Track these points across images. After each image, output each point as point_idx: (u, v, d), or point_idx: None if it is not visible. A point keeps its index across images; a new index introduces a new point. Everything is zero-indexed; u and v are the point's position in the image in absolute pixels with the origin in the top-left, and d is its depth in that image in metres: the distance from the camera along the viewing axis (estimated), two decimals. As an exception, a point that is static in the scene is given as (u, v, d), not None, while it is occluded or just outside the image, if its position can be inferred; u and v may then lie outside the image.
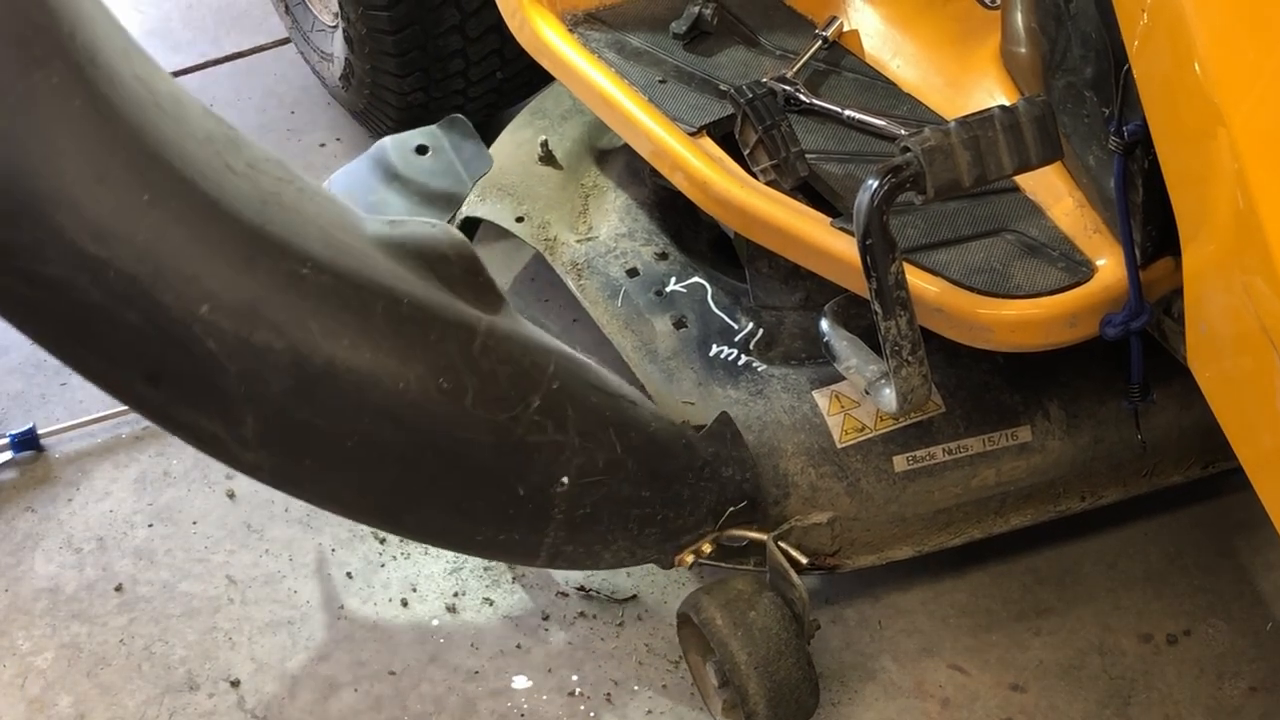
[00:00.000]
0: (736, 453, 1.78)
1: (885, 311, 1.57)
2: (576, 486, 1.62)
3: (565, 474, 1.61)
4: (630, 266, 2.09)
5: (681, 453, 1.73)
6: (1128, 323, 1.62)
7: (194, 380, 1.41)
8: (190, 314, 1.36)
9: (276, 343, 1.40)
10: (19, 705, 1.90)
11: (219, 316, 1.37)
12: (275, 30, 3.14)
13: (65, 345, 1.41)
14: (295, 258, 1.42)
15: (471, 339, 1.54)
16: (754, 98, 1.83)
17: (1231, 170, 1.25)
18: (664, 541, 1.75)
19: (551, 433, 1.59)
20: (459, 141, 2.16)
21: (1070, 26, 1.62)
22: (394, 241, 1.55)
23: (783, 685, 1.72)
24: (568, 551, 1.70)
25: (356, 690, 1.91)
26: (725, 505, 1.77)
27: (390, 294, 1.49)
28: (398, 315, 1.49)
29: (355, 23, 2.49)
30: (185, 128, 1.41)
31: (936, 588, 2.01)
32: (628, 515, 1.69)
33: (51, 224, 1.30)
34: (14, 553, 2.10)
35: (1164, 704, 1.86)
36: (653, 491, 1.70)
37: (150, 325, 1.36)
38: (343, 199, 1.61)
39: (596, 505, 1.65)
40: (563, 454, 1.61)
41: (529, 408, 1.57)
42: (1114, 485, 1.91)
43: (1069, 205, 1.73)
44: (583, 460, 1.62)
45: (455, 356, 1.52)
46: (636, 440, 1.67)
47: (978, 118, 1.53)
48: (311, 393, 1.44)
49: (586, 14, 2.17)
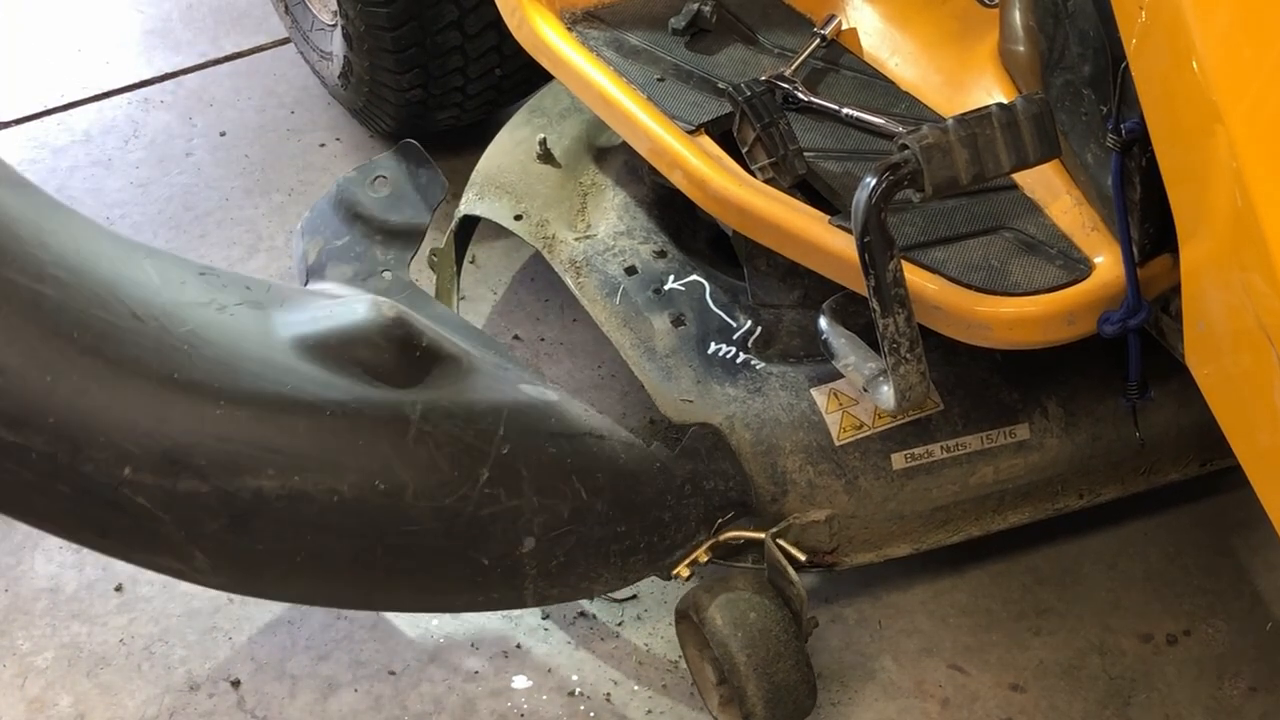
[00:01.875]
0: (716, 465, 1.78)
1: (883, 309, 1.57)
2: (544, 543, 1.62)
3: (529, 535, 1.61)
4: (629, 264, 2.09)
5: (656, 478, 1.72)
6: (1126, 320, 1.62)
7: (135, 532, 1.46)
8: (115, 478, 1.42)
9: (201, 487, 1.45)
10: (19, 705, 1.90)
11: (141, 475, 1.43)
12: (275, 30, 3.14)
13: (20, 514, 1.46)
14: (210, 398, 1.45)
15: (404, 431, 1.54)
16: (752, 95, 1.83)
17: (1229, 168, 1.25)
18: (654, 562, 1.75)
19: (505, 500, 1.59)
20: (413, 169, 2.10)
21: (1068, 24, 1.62)
22: (317, 343, 1.56)
23: (781, 686, 1.72)
24: (554, 594, 1.70)
25: (356, 690, 1.91)
26: (714, 516, 1.77)
27: (312, 408, 1.51)
28: (321, 429, 1.50)
29: (354, 20, 2.50)
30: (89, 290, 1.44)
31: (936, 587, 2.01)
32: (607, 552, 1.69)
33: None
34: (14, 553, 2.10)
35: (1164, 704, 1.86)
36: (629, 525, 1.69)
37: (81, 494, 1.42)
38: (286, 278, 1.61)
39: (570, 553, 1.65)
40: (521, 517, 1.60)
41: (477, 483, 1.57)
42: (1112, 483, 1.91)
43: (1067, 203, 1.73)
44: (545, 517, 1.62)
45: (389, 455, 1.53)
46: (603, 480, 1.66)
47: (976, 115, 1.52)
48: (247, 524, 1.49)
49: (585, 12, 2.17)
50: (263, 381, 1.50)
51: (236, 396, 1.47)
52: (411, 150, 2.09)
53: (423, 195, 2.07)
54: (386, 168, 2.10)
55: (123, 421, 1.42)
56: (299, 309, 1.63)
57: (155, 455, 1.43)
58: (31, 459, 1.39)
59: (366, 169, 2.09)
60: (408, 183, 2.08)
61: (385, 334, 1.58)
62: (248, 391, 1.48)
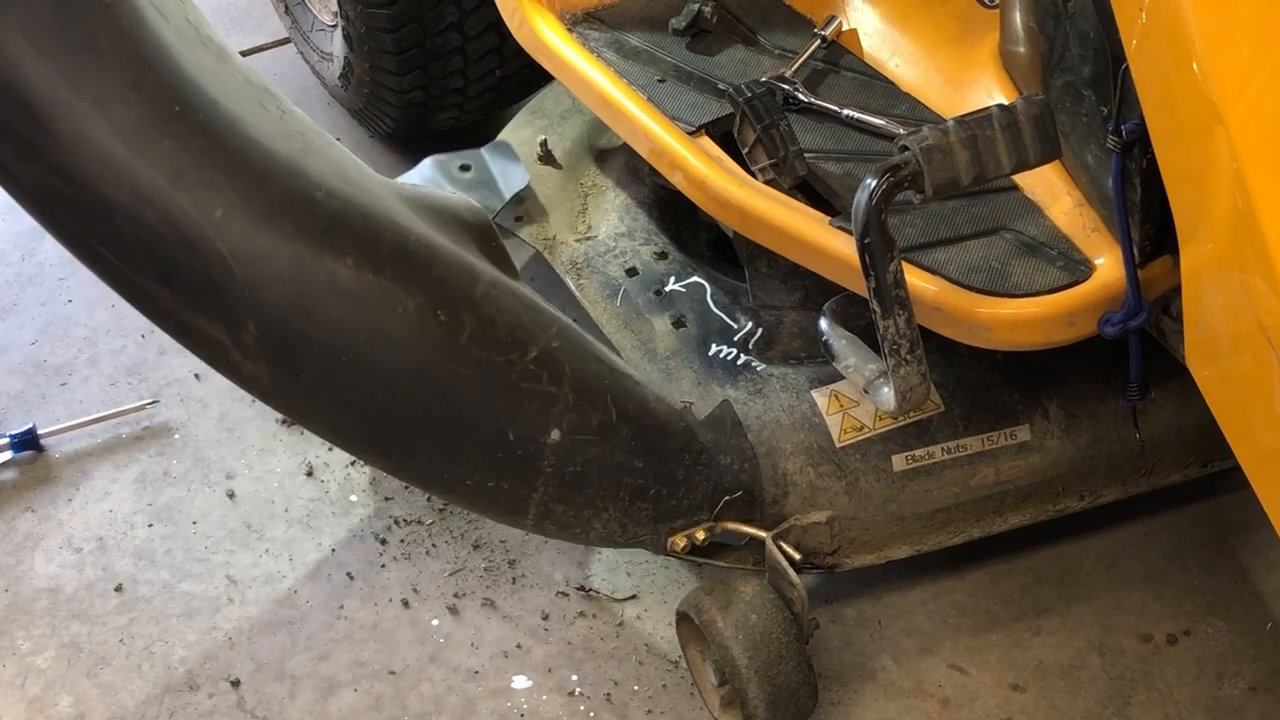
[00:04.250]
0: (735, 442, 1.79)
1: (884, 310, 1.57)
2: (568, 441, 1.66)
3: (557, 427, 1.65)
4: (629, 266, 2.09)
5: (680, 433, 1.75)
6: (1126, 321, 1.62)
7: (202, 281, 1.50)
8: (205, 216, 1.47)
9: (283, 252, 1.50)
10: (19, 705, 1.90)
11: (231, 221, 1.48)
12: (275, 30, 3.14)
13: (88, 242, 1.51)
14: (310, 182, 1.53)
15: (474, 283, 1.62)
16: (753, 97, 1.83)
17: (1230, 169, 1.25)
18: (656, 521, 1.76)
19: (546, 384, 1.64)
20: (501, 162, 2.27)
21: (1068, 25, 1.62)
22: (412, 195, 1.66)
23: (782, 688, 1.72)
24: (557, 513, 1.71)
25: (356, 690, 1.91)
26: (721, 494, 1.77)
27: (399, 229, 1.58)
28: (404, 248, 1.57)
29: (354, 21, 2.50)
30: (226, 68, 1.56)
31: (936, 588, 2.01)
32: (619, 483, 1.71)
33: (85, 123, 1.43)
34: (14, 553, 2.10)
35: (1164, 704, 1.86)
36: (646, 464, 1.72)
37: (166, 224, 1.47)
38: None
39: (587, 465, 1.68)
40: (555, 406, 1.65)
41: (525, 355, 1.63)
42: (1113, 484, 1.91)
43: (1067, 204, 1.73)
44: (576, 417, 1.66)
45: (456, 294, 1.60)
46: (634, 411, 1.71)
47: (976, 117, 1.52)
48: (310, 305, 1.53)
49: (585, 13, 2.17)
50: (362, 193, 1.58)
51: (334, 191, 1.54)
52: (502, 147, 2.27)
53: (504, 183, 2.21)
54: (473, 158, 2.27)
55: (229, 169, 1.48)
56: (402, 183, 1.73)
57: (249, 209, 1.48)
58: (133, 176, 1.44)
59: (455, 156, 2.25)
60: (491, 171, 2.23)
61: (474, 216, 1.70)
62: (345, 192, 1.56)
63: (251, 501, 2.16)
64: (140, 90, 1.44)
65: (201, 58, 1.52)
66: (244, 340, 1.53)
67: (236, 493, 2.17)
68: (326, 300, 1.53)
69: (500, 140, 2.26)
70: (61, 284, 2.54)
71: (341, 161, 1.62)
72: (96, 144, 1.44)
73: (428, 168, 2.27)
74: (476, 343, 1.60)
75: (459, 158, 2.28)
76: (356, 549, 2.08)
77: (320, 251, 1.52)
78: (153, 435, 2.27)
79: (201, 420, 2.29)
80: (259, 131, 1.52)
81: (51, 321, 2.49)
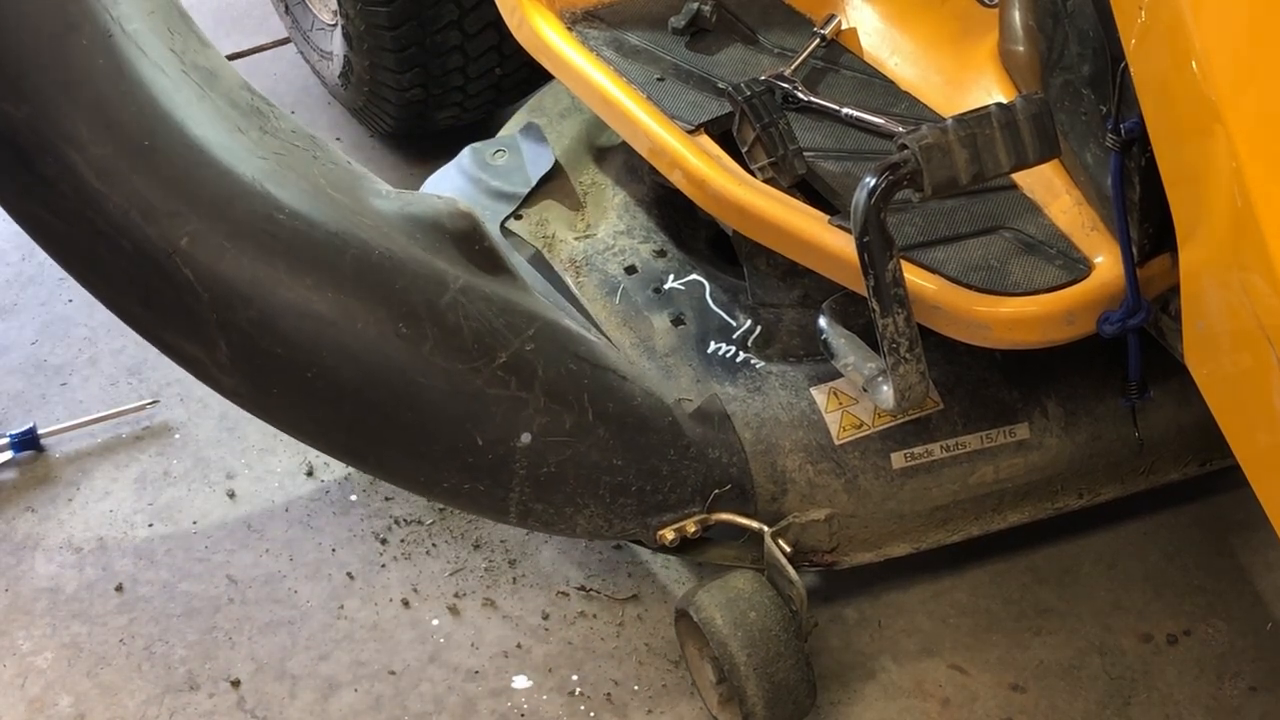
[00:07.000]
0: (724, 436, 1.79)
1: (883, 309, 1.57)
2: (539, 444, 1.69)
3: (527, 430, 1.68)
4: (628, 264, 2.09)
5: (665, 428, 1.76)
6: (1125, 320, 1.62)
7: (175, 305, 1.61)
8: (171, 244, 1.58)
9: (244, 275, 1.56)
10: (19, 705, 1.90)
11: (195, 249, 1.58)
12: (275, 30, 3.14)
13: (82, 270, 1.65)
14: (274, 204, 1.61)
15: (440, 293, 1.66)
16: (752, 95, 1.83)
17: (1229, 168, 1.25)
18: (643, 515, 1.77)
19: (515, 389, 1.68)
20: (531, 145, 2.30)
21: (1068, 24, 1.62)
22: (391, 207, 1.70)
23: (781, 686, 1.72)
24: (537, 510, 1.74)
25: (356, 690, 1.91)
26: (711, 487, 1.77)
27: (362, 245, 1.64)
28: (366, 263, 1.64)
29: (354, 19, 2.50)
30: (208, 94, 1.67)
31: (936, 587, 2.00)
32: (597, 481, 1.73)
33: (65, 161, 1.55)
34: (14, 553, 2.10)
35: (1164, 704, 1.86)
36: (626, 461, 1.73)
37: (139, 253, 1.58)
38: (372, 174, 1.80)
39: (562, 465, 1.70)
40: (525, 410, 1.68)
41: (493, 361, 1.67)
42: (1112, 483, 1.91)
43: (1066, 203, 1.73)
44: (547, 419, 1.69)
45: (418, 306, 1.64)
46: (614, 409, 1.72)
47: (975, 115, 1.52)
48: (274, 325, 1.61)
49: (585, 11, 2.17)
50: (332, 211, 1.65)
51: (299, 213, 1.62)
52: (532, 129, 2.30)
53: (531, 167, 2.25)
54: (508, 143, 2.31)
55: (193, 198, 1.58)
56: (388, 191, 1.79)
57: (211, 235, 1.58)
58: (108, 209, 1.56)
59: (491, 143, 2.32)
60: (523, 155, 2.28)
61: (452, 219, 1.73)
62: (311, 213, 1.63)
63: (251, 501, 2.16)
64: (111, 129, 1.56)
65: (179, 87, 1.63)
66: (219, 358, 1.63)
67: (236, 492, 2.17)
68: (289, 319, 1.60)
69: (532, 122, 2.30)
70: (61, 284, 2.54)
71: (323, 174, 1.68)
72: (74, 181, 1.55)
73: (465, 157, 2.32)
74: (440, 353, 1.64)
75: (494, 144, 2.32)
76: (356, 549, 2.08)
77: (280, 273, 1.59)
78: (153, 435, 2.27)
79: (202, 420, 2.29)
80: (227, 157, 1.61)
81: (51, 321, 2.49)
